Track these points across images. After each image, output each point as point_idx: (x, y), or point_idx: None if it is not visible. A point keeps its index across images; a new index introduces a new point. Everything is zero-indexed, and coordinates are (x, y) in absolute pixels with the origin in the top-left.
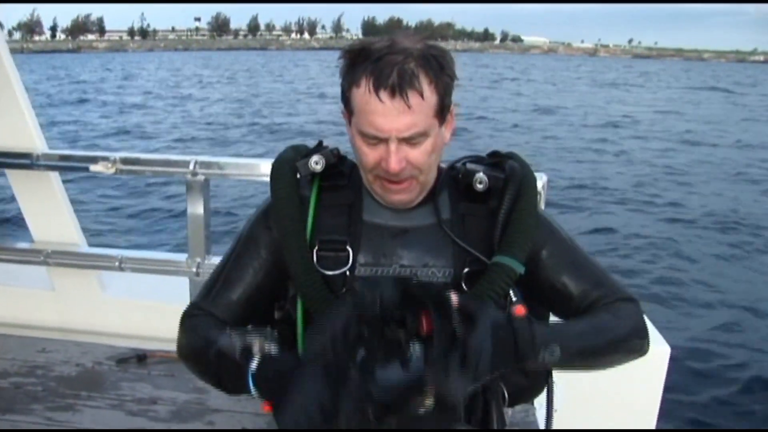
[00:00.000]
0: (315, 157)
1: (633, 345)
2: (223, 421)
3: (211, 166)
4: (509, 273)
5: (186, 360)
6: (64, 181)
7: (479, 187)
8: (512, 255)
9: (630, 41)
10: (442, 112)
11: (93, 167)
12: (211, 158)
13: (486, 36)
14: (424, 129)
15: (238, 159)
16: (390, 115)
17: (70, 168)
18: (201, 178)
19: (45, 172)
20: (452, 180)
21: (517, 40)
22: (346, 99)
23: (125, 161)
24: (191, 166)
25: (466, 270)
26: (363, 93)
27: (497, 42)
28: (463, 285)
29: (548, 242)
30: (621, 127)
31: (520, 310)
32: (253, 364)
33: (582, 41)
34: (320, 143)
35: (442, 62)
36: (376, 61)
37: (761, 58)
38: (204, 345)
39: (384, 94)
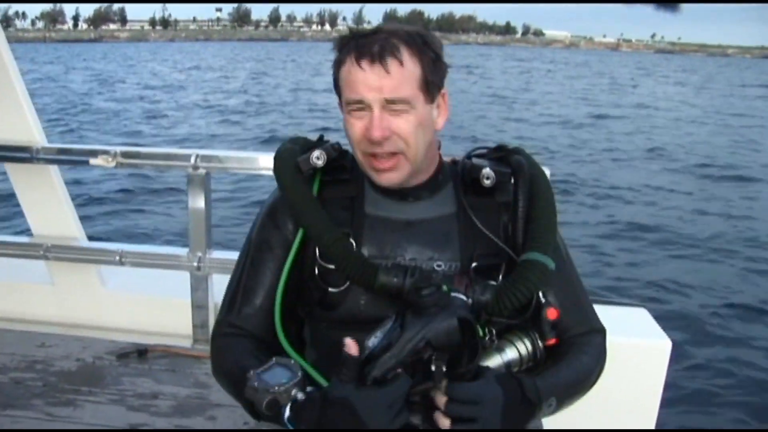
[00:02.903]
0: (316, 152)
1: (595, 381)
2: (225, 415)
3: (212, 159)
4: (543, 270)
5: (218, 381)
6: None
7: (486, 182)
8: (542, 251)
9: (653, 36)
10: (428, 87)
11: (93, 161)
12: (212, 152)
13: (507, 29)
14: (406, 96)
15: (239, 153)
16: (370, 78)
17: (69, 162)
18: (202, 171)
19: (44, 165)
20: (456, 174)
21: (538, 33)
22: (336, 84)
23: (126, 155)
24: (192, 160)
25: (474, 264)
26: (347, 67)
27: (518, 36)
28: (471, 275)
29: None
30: None
31: (552, 313)
32: (287, 412)
33: (604, 35)
34: (321, 137)
35: (427, 39)
36: (361, 38)
37: None
38: (233, 380)
39: (365, 62)
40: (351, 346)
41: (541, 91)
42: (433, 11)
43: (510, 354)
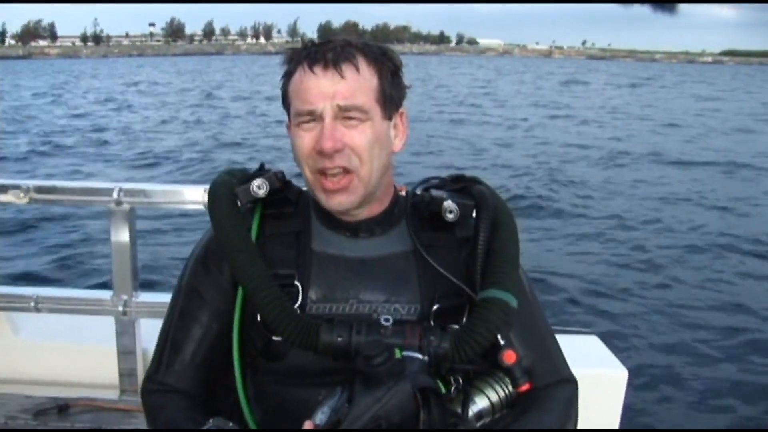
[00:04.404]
0: (257, 182)
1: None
2: None
3: (137, 193)
4: (504, 308)
5: None
6: None
7: (450, 217)
8: (503, 287)
9: (584, 42)
10: (386, 101)
11: (2, 197)
12: (136, 185)
13: (442, 39)
14: (361, 104)
15: (165, 186)
16: (323, 84)
17: None
18: (126, 207)
19: None
20: (413, 207)
21: (472, 42)
22: (285, 97)
23: (40, 190)
24: (115, 195)
25: (436, 307)
26: (298, 76)
27: (453, 44)
28: (432, 323)
29: None
30: None
31: (510, 356)
32: None
33: (537, 43)
34: (262, 166)
35: (386, 51)
36: (314, 46)
37: (710, 59)
38: None
39: (318, 68)
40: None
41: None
42: (367, 22)
43: (480, 403)
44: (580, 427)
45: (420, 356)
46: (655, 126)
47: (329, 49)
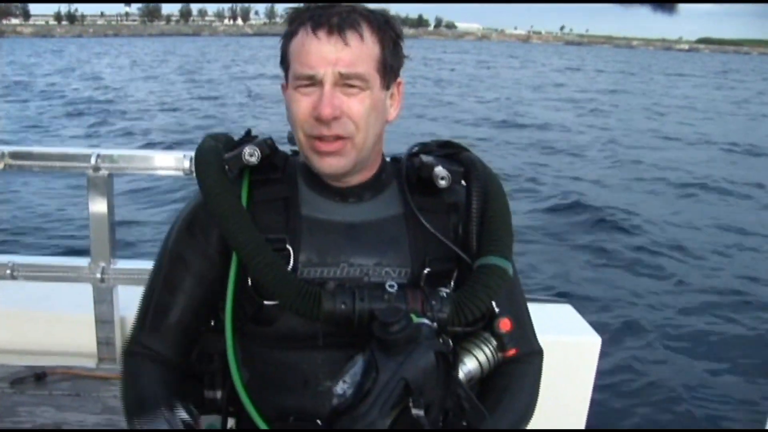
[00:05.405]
0: (248, 149)
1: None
2: None
3: (115, 159)
4: (502, 275)
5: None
6: None
7: (442, 183)
8: (501, 255)
9: (562, 28)
10: (385, 71)
11: None
12: (114, 151)
13: (420, 22)
14: (363, 73)
15: (144, 151)
16: (326, 50)
17: None
18: (104, 173)
19: None
20: (400, 172)
21: (450, 26)
22: (284, 58)
23: (15, 155)
24: (92, 161)
25: (427, 270)
26: (300, 38)
27: (431, 28)
28: (423, 286)
29: None
30: None
31: (506, 324)
32: None
33: (515, 28)
34: (249, 132)
35: (388, 18)
36: (318, 9)
37: (686, 46)
38: (129, 410)
39: (321, 32)
40: None
41: None
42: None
43: (470, 365)
44: (554, 392)
45: (428, 322)
46: None
47: (334, 14)
